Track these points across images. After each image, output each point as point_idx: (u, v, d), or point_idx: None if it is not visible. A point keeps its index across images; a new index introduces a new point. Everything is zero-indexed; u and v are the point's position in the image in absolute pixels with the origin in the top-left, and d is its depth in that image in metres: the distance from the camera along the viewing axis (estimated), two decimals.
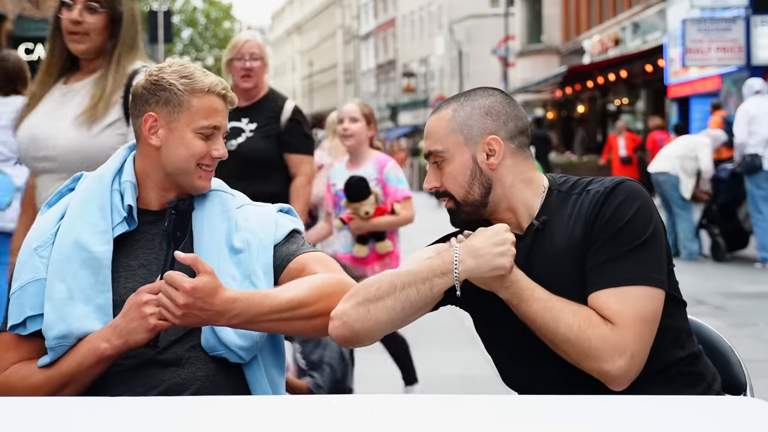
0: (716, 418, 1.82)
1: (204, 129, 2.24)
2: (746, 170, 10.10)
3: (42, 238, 2.23)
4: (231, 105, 2.31)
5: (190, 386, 2.16)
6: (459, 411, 1.85)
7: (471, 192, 2.21)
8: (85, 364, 2.13)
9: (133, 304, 2.11)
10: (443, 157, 2.22)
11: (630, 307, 2.06)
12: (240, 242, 2.27)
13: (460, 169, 2.21)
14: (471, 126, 2.22)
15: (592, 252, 2.11)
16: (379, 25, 64.18)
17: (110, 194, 2.25)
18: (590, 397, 2.01)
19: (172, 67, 2.28)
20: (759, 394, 2.20)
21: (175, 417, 1.83)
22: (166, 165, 2.26)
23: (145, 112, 2.26)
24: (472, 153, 2.21)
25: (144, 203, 2.28)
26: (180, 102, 2.23)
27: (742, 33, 15.24)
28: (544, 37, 32.06)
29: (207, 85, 2.25)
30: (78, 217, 2.23)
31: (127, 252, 2.23)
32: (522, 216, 2.22)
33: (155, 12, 24.99)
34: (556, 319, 2.07)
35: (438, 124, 2.24)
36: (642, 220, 2.11)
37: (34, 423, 1.78)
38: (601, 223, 2.11)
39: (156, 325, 2.09)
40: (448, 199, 2.24)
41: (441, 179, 2.24)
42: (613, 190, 2.13)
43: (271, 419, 1.83)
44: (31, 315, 2.18)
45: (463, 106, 2.24)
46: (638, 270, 2.08)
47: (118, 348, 2.11)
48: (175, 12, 44.93)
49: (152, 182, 2.28)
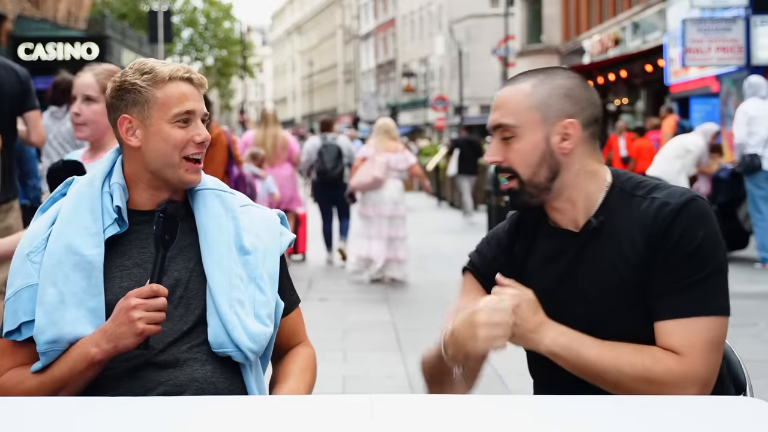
0: (716, 418, 1.82)
1: (178, 116, 2.23)
2: (746, 170, 10.09)
3: (34, 243, 2.23)
4: (201, 87, 2.28)
5: (188, 388, 2.15)
6: (459, 411, 1.85)
7: (538, 174, 2.12)
8: (76, 368, 2.13)
9: (121, 309, 2.10)
10: (514, 132, 2.12)
11: (699, 337, 2.02)
12: (249, 244, 2.27)
13: (530, 148, 2.12)
14: (550, 105, 2.12)
15: (659, 276, 2.05)
16: (379, 25, 64.18)
17: (101, 197, 2.25)
18: (590, 397, 2.01)
19: (132, 67, 2.28)
20: (759, 394, 2.20)
21: (175, 417, 1.83)
22: (150, 163, 2.25)
23: (119, 116, 2.26)
24: (546, 133, 2.12)
25: (135, 204, 2.27)
26: (147, 98, 2.23)
27: (742, 33, 15.23)
28: (544, 37, 32.06)
29: (167, 74, 2.24)
30: (69, 221, 2.22)
31: (121, 252, 2.23)
32: (580, 209, 2.15)
33: (155, 12, 25.00)
34: (618, 361, 2.03)
35: (514, 97, 2.14)
36: (712, 245, 2.05)
37: (33, 423, 1.78)
38: (669, 245, 2.05)
39: (144, 329, 2.08)
40: (510, 178, 2.15)
41: (506, 154, 2.14)
42: (683, 209, 2.05)
43: (271, 419, 1.83)
44: (26, 321, 2.17)
45: (543, 83, 2.14)
46: (708, 300, 2.04)
47: (107, 352, 2.11)
48: (175, 12, 44.92)
49: (141, 183, 2.28)
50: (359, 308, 8.64)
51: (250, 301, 2.23)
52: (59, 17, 27.72)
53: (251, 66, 58.77)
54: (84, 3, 29.91)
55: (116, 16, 38.35)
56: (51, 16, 27.25)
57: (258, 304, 2.24)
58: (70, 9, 28.61)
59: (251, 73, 58.65)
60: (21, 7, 25.52)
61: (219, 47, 51.34)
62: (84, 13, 29.68)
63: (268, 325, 2.25)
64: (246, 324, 2.20)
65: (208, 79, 2.41)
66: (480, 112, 47.56)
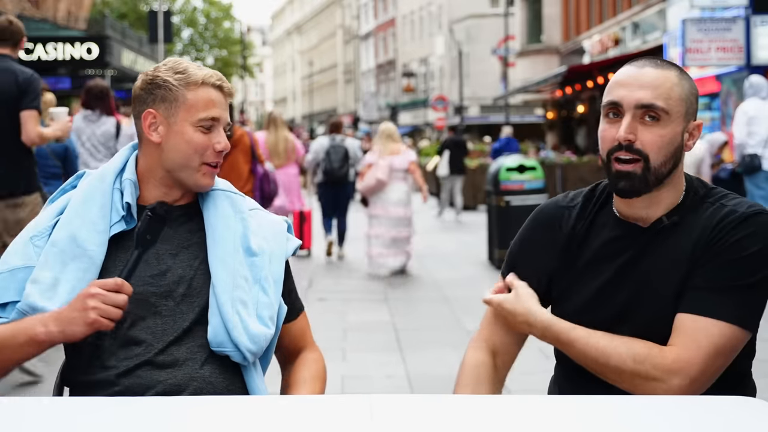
0: (716, 418, 1.82)
1: (203, 121, 2.24)
2: (746, 170, 10.08)
3: (39, 229, 2.24)
4: (229, 96, 2.30)
5: (187, 387, 2.15)
6: (459, 411, 1.85)
7: (666, 164, 2.10)
8: (16, 339, 2.09)
9: (80, 295, 2.08)
10: (660, 116, 2.08)
11: (708, 339, 2.01)
12: (255, 246, 2.28)
13: (671, 137, 2.09)
14: (691, 103, 2.13)
15: (700, 272, 2.05)
16: (379, 25, 64.18)
17: (111, 193, 2.26)
18: (590, 397, 2.01)
19: (167, 65, 2.29)
20: (759, 394, 2.20)
21: (174, 417, 1.83)
22: (168, 161, 2.26)
23: (144, 110, 2.27)
24: (683, 128, 2.12)
25: (145, 200, 2.28)
26: (176, 97, 2.24)
27: (742, 33, 15.23)
28: (544, 37, 32.06)
29: (201, 78, 2.25)
30: (77, 214, 2.23)
31: (127, 247, 2.23)
32: (659, 209, 2.14)
33: (155, 12, 24.98)
34: (606, 354, 2.06)
35: (665, 81, 2.09)
36: (762, 262, 2.04)
37: (33, 423, 1.78)
38: (720, 247, 2.05)
39: (95, 320, 2.05)
40: (634, 160, 2.09)
41: (642, 136, 2.08)
42: (749, 219, 2.05)
43: (271, 419, 1.83)
44: (14, 301, 2.16)
45: (685, 78, 2.12)
46: (737, 309, 2.02)
47: (52, 335, 2.07)
48: (175, 12, 44.95)
49: (154, 180, 2.28)
50: (359, 308, 8.64)
51: (253, 302, 2.24)
52: (59, 17, 27.73)
53: (251, 66, 58.78)
54: (84, 3, 29.91)
55: (116, 16, 38.35)
56: (51, 16, 27.26)
57: (261, 306, 2.24)
58: (70, 9, 28.61)
59: (251, 73, 58.65)
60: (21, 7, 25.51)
61: (219, 47, 51.35)
62: (84, 13, 29.69)
63: (270, 327, 2.25)
64: (247, 324, 2.20)
65: None
66: (480, 112, 47.57)
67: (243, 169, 8.17)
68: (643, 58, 2.19)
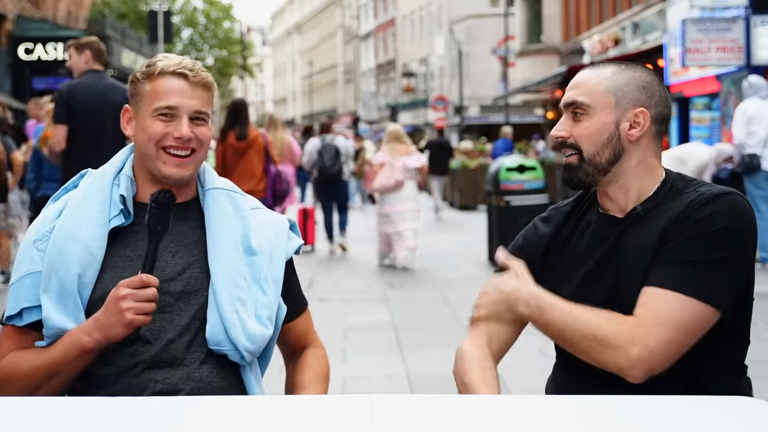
0: (716, 418, 1.82)
1: (159, 110, 2.24)
2: (745, 170, 10.08)
3: (41, 231, 2.25)
4: (200, 85, 2.26)
5: (184, 387, 2.15)
6: (459, 411, 1.85)
7: (600, 154, 2.19)
8: (68, 356, 2.14)
9: (111, 299, 2.11)
10: (585, 110, 2.21)
11: (668, 312, 2.04)
12: (256, 245, 2.28)
13: (599, 127, 2.19)
14: (626, 93, 2.20)
15: (667, 249, 2.09)
16: (379, 25, 64.19)
17: (110, 189, 2.27)
18: (590, 397, 2.01)
19: (146, 62, 2.33)
20: (759, 394, 2.19)
21: (174, 417, 1.83)
22: (138, 154, 2.30)
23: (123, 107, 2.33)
24: (617, 118, 2.19)
25: (141, 197, 2.29)
26: (140, 91, 2.28)
27: (742, 33, 15.23)
28: (544, 37, 32.06)
29: (159, 68, 2.26)
30: (76, 211, 2.24)
31: (125, 243, 2.24)
32: (630, 199, 2.21)
33: (155, 12, 25.00)
34: (576, 320, 2.10)
35: (592, 78, 2.23)
36: (727, 237, 2.07)
37: (32, 423, 1.78)
38: (687, 224, 2.09)
39: (132, 320, 2.09)
40: (571, 153, 2.22)
41: (573, 131, 2.22)
42: (716, 198, 2.10)
43: (271, 419, 1.83)
44: (27, 306, 2.19)
45: (623, 72, 2.22)
46: (699, 284, 2.05)
47: (98, 341, 2.12)
48: (175, 12, 44.94)
49: (143, 176, 2.30)
50: (359, 308, 8.64)
51: (252, 302, 2.23)
52: (59, 17, 27.73)
53: (251, 66, 58.78)
54: (84, 3, 29.92)
55: (116, 16, 38.36)
56: (51, 16, 27.26)
57: (260, 305, 2.24)
58: (70, 9, 28.61)
59: (251, 73, 58.65)
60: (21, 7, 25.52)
61: (219, 47, 51.36)
62: (84, 13, 29.70)
63: (268, 327, 2.25)
64: (245, 323, 2.20)
65: None
66: (480, 112, 47.57)
67: (257, 168, 8.65)
68: (600, 61, 2.31)
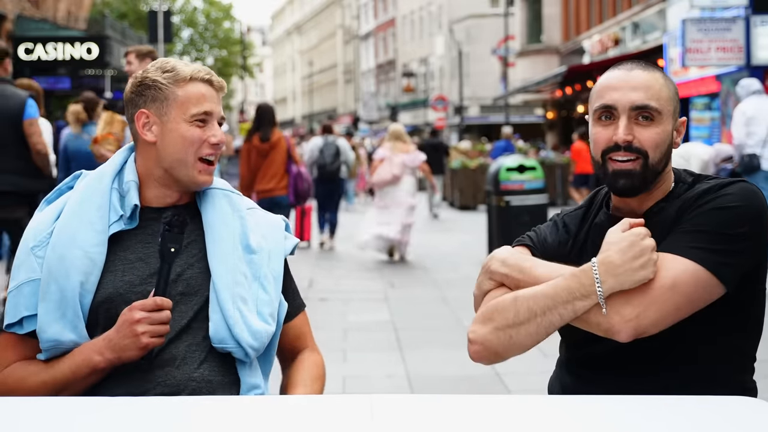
0: (717, 418, 1.82)
1: (196, 116, 2.25)
2: (745, 170, 10.08)
3: (39, 237, 2.23)
4: (221, 90, 2.31)
5: (185, 387, 2.16)
6: (459, 411, 1.85)
7: (661, 161, 2.18)
8: (78, 373, 2.15)
9: (125, 321, 2.12)
10: (654, 116, 2.17)
11: (669, 270, 2.02)
12: (254, 243, 2.29)
13: (665, 135, 2.19)
14: (677, 102, 2.23)
15: (680, 223, 2.10)
16: (379, 25, 64.18)
17: (109, 193, 2.26)
18: (590, 397, 2.01)
19: (154, 65, 2.31)
20: (759, 394, 2.20)
21: (174, 417, 1.83)
22: (165, 159, 2.26)
23: (136, 112, 2.28)
24: (673, 126, 2.21)
25: (144, 201, 2.28)
26: (166, 95, 2.26)
27: (742, 33, 15.23)
28: (544, 37, 32.06)
29: (189, 74, 2.27)
30: (75, 216, 2.23)
31: (125, 246, 2.23)
32: (650, 201, 2.21)
33: (155, 12, 24.98)
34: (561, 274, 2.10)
35: (656, 83, 2.19)
36: (739, 215, 2.07)
37: (33, 423, 1.78)
38: (701, 202, 2.10)
39: (148, 343, 2.11)
40: (635, 159, 2.16)
41: (640, 135, 2.17)
42: (730, 184, 2.12)
43: (271, 419, 1.83)
44: (27, 315, 2.18)
45: (668, 80, 2.22)
46: (703, 250, 2.03)
47: (110, 362, 2.13)
48: (175, 12, 44.93)
49: (153, 180, 2.29)
50: (359, 308, 8.64)
51: (253, 299, 2.24)
52: (59, 17, 27.73)
53: (251, 66, 58.78)
54: (84, 3, 29.92)
55: (116, 16, 38.36)
56: (51, 16, 27.26)
57: (261, 303, 2.25)
58: (70, 9, 28.61)
59: (251, 73, 58.65)
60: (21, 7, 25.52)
61: (219, 47, 51.34)
62: (84, 13, 29.70)
63: (270, 323, 2.26)
64: (248, 320, 2.21)
65: None
66: (480, 112, 47.56)
67: (279, 168, 9.29)
68: (628, 61, 2.26)
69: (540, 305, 2.08)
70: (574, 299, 2.05)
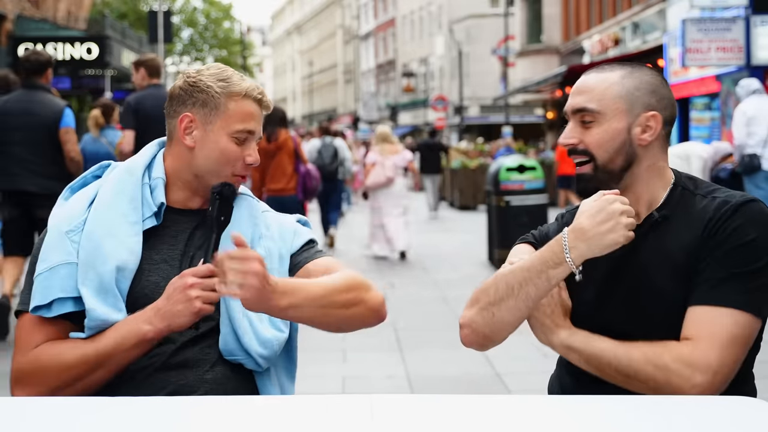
0: (716, 418, 1.83)
1: (239, 133, 2.24)
2: (745, 170, 10.07)
3: (73, 222, 2.21)
4: (266, 110, 2.30)
5: (198, 389, 2.15)
6: (459, 411, 1.86)
7: (614, 161, 2.17)
8: (124, 344, 2.10)
9: (177, 287, 2.08)
10: (595, 117, 2.17)
11: (722, 328, 2.01)
12: (262, 249, 2.27)
13: (611, 135, 2.16)
14: (637, 97, 2.18)
15: (703, 265, 2.06)
16: (379, 25, 64.17)
17: (141, 187, 2.24)
18: (590, 397, 2.01)
19: (210, 70, 2.28)
20: (759, 394, 2.20)
21: (175, 417, 1.83)
22: (198, 166, 2.25)
23: (182, 112, 2.25)
24: (628, 123, 2.17)
25: (170, 201, 2.27)
26: (217, 105, 2.24)
27: (742, 33, 15.22)
28: (544, 37, 32.06)
29: (244, 89, 2.25)
30: (109, 207, 2.21)
31: (151, 246, 2.22)
32: (642, 204, 2.19)
33: (155, 12, 24.98)
34: (629, 351, 2.05)
35: (601, 84, 2.19)
36: (761, 247, 2.06)
37: (35, 423, 1.78)
38: (719, 238, 2.07)
39: (201, 308, 2.07)
40: (585, 162, 2.19)
41: (584, 138, 2.19)
42: (741, 206, 2.08)
43: (271, 419, 1.83)
44: (61, 297, 2.15)
45: (632, 75, 2.19)
46: (745, 295, 2.03)
47: (160, 331, 2.10)
48: (175, 12, 44.91)
49: (180, 182, 2.28)
50: None
51: None
52: (59, 17, 27.72)
53: (251, 66, 58.76)
54: (84, 3, 29.91)
55: (116, 16, 38.35)
56: (51, 16, 27.25)
57: None
58: (70, 9, 28.61)
59: (251, 73, 58.63)
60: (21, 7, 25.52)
61: (219, 47, 51.31)
62: (84, 13, 29.69)
63: (283, 330, 2.25)
64: (257, 329, 2.20)
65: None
66: (480, 112, 47.56)
67: (287, 168, 9.46)
68: (604, 64, 2.27)
69: (517, 278, 2.10)
70: (548, 268, 2.07)
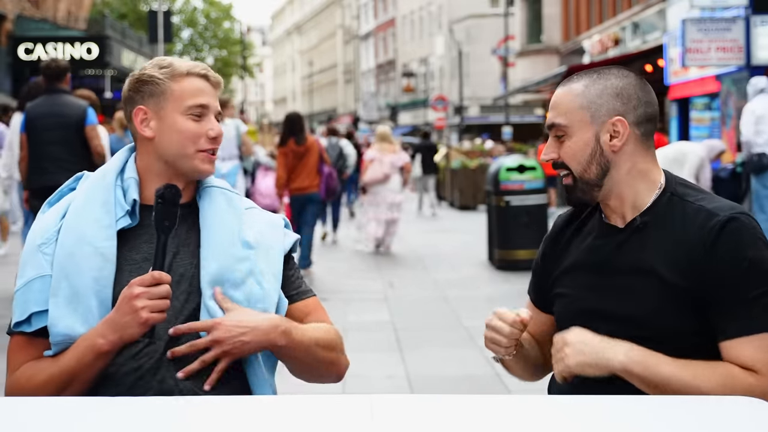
0: (716, 418, 1.82)
1: (192, 109, 2.26)
2: (753, 169, 10.04)
3: (45, 235, 2.23)
4: (217, 86, 2.32)
5: (186, 387, 2.14)
6: (459, 411, 1.85)
7: (588, 170, 2.19)
8: (83, 360, 2.13)
9: (124, 298, 2.10)
10: (565, 131, 2.20)
11: (757, 352, 2.03)
12: (252, 239, 2.28)
13: (580, 146, 2.19)
14: (600, 105, 2.18)
15: (718, 292, 2.06)
16: (379, 25, 64.18)
17: (113, 189, 2.26)
18: (590, 397, 2.01)
19: (151, 63, 2.33)
20: None
21: (174, 417, 1.83)
22: (164, 154, 2.27)
23: (134, 108, 2.29)
24: (595, 132, 2.18)
25: (146, 199, 2.28)
26: (163, 90, 2.27)
27: (742, 33, 15.22)
28: (544, 37, 32.06)
29: (185, 69, 2.28)
30: (80, 214, 2.23)
31: (131, 246, 2.23)
32: (628, 208, 2.19)
33: (155, 12, 24.99)
34: (696, 378, 2.04)
35: (566, 97, 2.22)
36: (762, 264, 2.06)
37: (34, 423, 1.78)
38: (722, 263, 2.06)
39: (148, 318, 2.08)
40: (566, 174, 2.22)
41: (560, 152, 2.22)
42: (727, 224, 2.07)
43: (271, 419, 1.83)
44: (36, 311, 2.17)
45: (595, 83, 2.20)
46: (765, 313, 2.04)
47: (113, 343, 2.11)
48: (175, 12, 44.93)
49: (154, 176, 2.29)
50: (359, 308, 8.64)
51: (246, 296, 2.23)
52: (59, 17, 27.74)
53: (251, 66, 58.77)
54: (84, 3, 29.93)
55: (116, 16, 38.36)
56: (51, 16, 27.26)
57: (254, 299, 2.24)
58: (70, 9, 28.62)
59: (251, 73, 58.64)
60: (21, 7, 25.52)
61: (219, 47, 51.35)
62: (84, 13, 29.71)
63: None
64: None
65: None
66: (480, 112, 47.56)
67: (313, 168, 10.74)
68: (575, 74, 2.27)
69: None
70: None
